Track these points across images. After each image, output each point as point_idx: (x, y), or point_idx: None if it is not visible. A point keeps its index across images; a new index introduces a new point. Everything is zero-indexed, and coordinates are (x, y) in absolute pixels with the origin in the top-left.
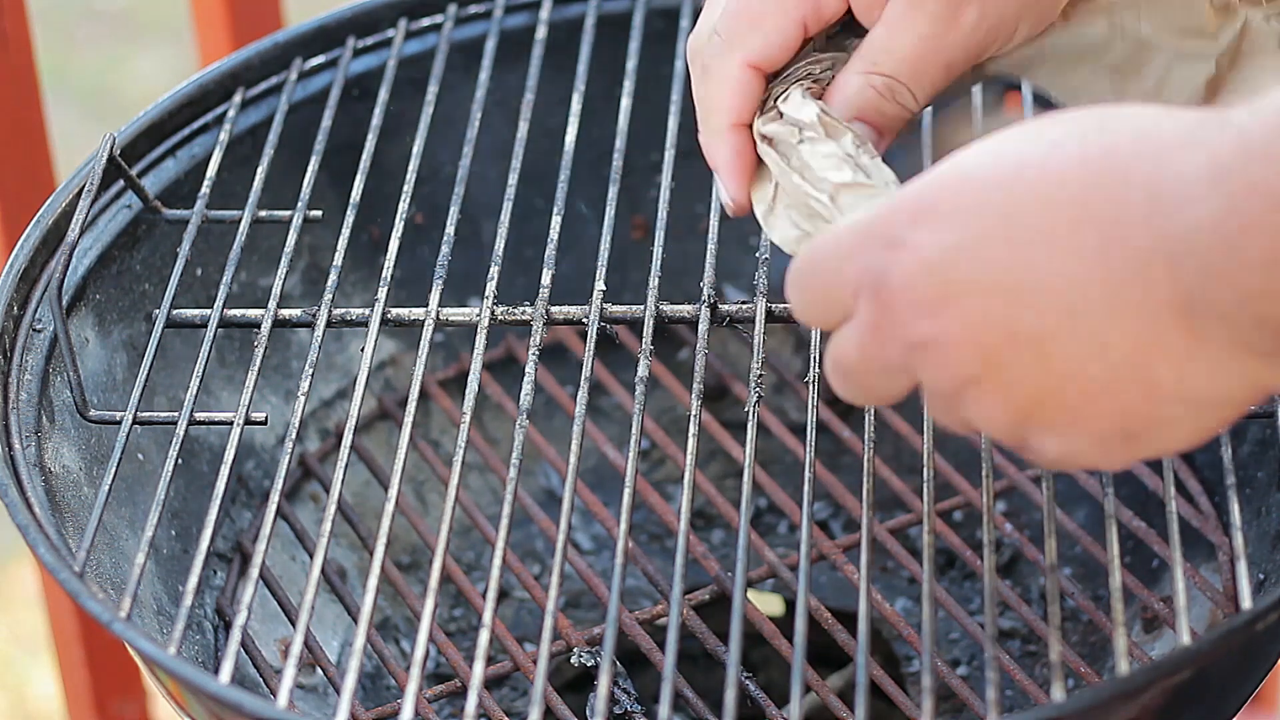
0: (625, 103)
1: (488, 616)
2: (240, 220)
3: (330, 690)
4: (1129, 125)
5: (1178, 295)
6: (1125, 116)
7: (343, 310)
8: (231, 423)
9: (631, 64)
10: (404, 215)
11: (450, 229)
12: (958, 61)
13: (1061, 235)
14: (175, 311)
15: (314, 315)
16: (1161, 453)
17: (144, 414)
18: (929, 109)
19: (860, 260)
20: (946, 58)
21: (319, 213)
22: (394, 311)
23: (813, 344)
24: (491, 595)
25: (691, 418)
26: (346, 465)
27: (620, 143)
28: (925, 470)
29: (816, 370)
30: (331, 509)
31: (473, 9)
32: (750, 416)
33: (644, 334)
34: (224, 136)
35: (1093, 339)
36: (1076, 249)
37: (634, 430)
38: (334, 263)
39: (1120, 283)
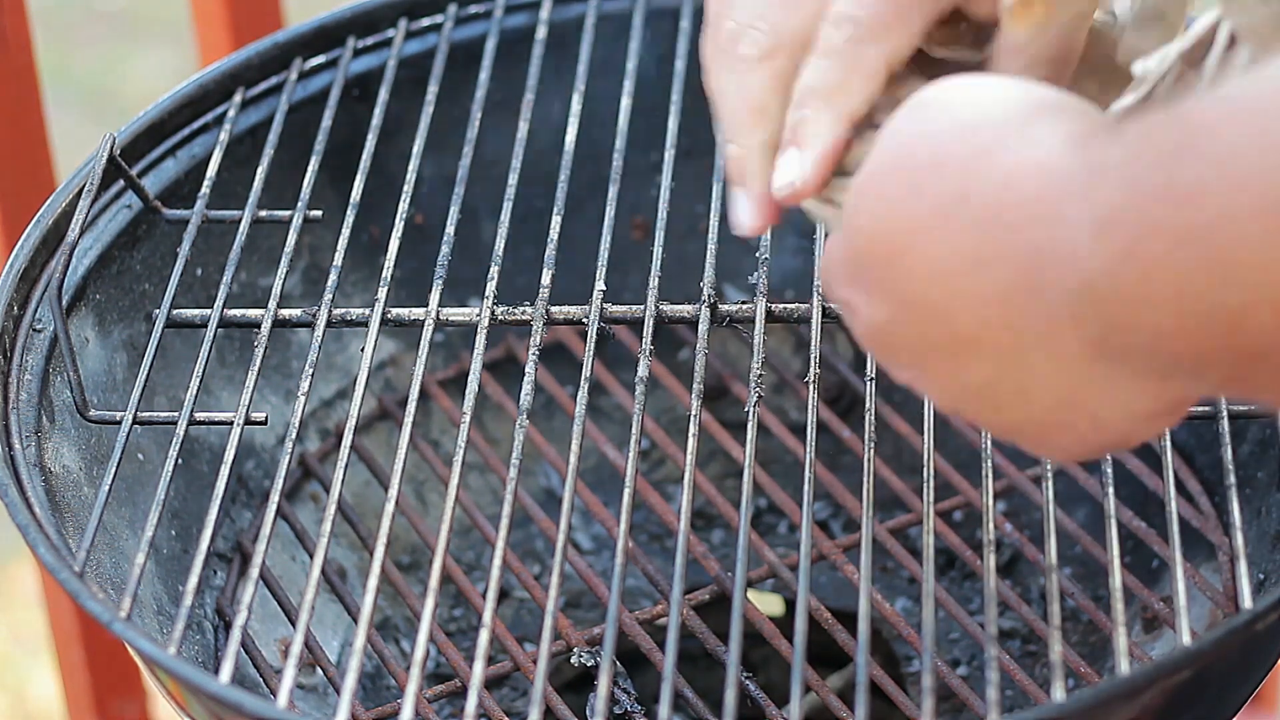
0: (625, 103)
1: (488, 616)
2: (240, 220)
3: (330, 690)
4: (1000, 171)
5: (1088, 345)
6: (996, 157)
7: (343, 310)
8: (231, 423)
9: (631, 64)
10: (404, 215)
11: (450, 229)
12: None
13: (967, 299)
14: (175, 311)
15: (314, 315)
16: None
17: (144, 414)
18: None
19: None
20: None
21: (319, 213)
22: (394, 311)
23: (813, 344)
24: (491, 595)
25: (691, 418)
26: (346, 465)
27: (620, 143)
28: (925, 470)
29: (816, 370)
30: (331, 509)
31: (473, 9)
32: (750, 416)
33: (644, 334)
34: (224, 136)
35: (1024, 394)
36: (981, 311)
37: (634, 430)
38: (334, 263)
39: (1028, 343)
